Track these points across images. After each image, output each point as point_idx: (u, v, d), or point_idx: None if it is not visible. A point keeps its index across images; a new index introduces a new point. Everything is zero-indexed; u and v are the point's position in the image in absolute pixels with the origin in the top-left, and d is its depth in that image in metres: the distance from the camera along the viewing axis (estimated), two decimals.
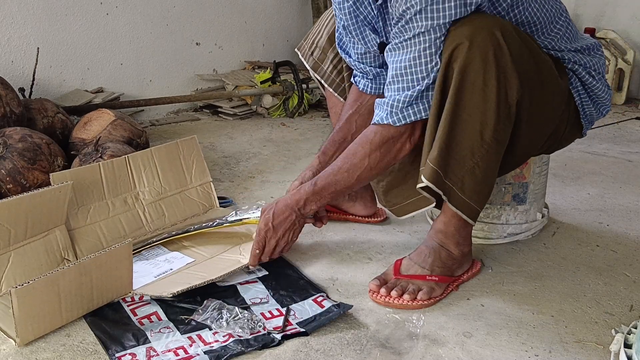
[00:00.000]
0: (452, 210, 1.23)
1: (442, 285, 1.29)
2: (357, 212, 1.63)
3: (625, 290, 1.34)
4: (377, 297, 1.26)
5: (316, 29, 1.57)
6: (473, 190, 1.21)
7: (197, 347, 1.11)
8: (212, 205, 1.68)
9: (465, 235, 1.32)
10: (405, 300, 1.24)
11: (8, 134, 1.66)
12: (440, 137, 1.19)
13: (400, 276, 1.29)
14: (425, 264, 1.30)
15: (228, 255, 1.42)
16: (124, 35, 2.57)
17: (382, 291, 1.25)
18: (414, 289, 1.25)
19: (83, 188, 1.44)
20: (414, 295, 1.25)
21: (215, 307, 1.19)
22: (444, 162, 1.19)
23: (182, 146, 1.66)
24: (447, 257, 1.31)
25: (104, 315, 1.20)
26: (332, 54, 1.53)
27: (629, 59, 2.98)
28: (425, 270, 1.29)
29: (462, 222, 1.28)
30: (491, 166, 1.22)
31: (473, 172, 1.20)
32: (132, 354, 1.09)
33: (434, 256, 1.30)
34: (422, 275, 1.28)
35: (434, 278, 1.28)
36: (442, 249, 1.31)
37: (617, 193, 1.89)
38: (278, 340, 1.12)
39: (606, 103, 1.43)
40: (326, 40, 1.54)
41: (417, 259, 1.31)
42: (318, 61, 1.56)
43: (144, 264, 1.38)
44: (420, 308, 1.25)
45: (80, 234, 1.42)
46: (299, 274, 1.36)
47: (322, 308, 1.22)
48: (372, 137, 1.27)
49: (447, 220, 1.30)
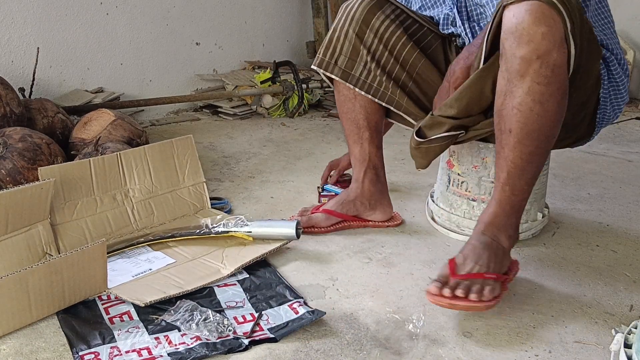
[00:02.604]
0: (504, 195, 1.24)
1: (498, 283, 1.21)
2: (376, 219, 1.63)
3: (625, 290, 1.34)
4: (440, 300, 1.16)
5: (335, 36, 1.52)
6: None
7: (162, 348, 1.11)
8: (204, 206, 1.68)
9: (515, 225, 1.29)
10: (472, 301, 1.15)
11: (8, 134, 1.66)
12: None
13: (458, 276, 1.20)
14: (481, 261, 1.22)
15: (210, 260, 1.40)
16: (124, 35, 2.57)
17: (445, 292, 1.16)
18: (478, 289, 1.17)
19: (71, 183, 1.44)
20: (480, 295, 1.16)
21: (187, 308, 1.19)
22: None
23: (176, 145, 1.66)
24: (500, 252, 1.25)
25: (76, 313, 1.20)
26: (364, 54, 1.50)
27: (629, 59, 2.99)
28: (482, 267, 1.21)
29: (512, 209, 1.26)
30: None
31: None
32: (96, 352, 1.09)
33: (489, 252, 1.24)
34: (480, 274, 1.20)
35: (492, 275, 1.21)
36: (495, 243, 1.25)
37: (617, 193, 1.89)
38: (245, 345, 1.11)
39: (621, 104, 1.43)
40: (353, 43, 1.49)
41: (472, 256, 1.23)
42: (346, 70, 1.52)
43: (124, 262, 1.38)
44: (486, 309, 1.17)
45: (65, 229, 1.42)
46: (279, 278, 1.34)
47: (296, 314, 1.21)
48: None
49: (500, 210, 1.26)
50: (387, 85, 1.51)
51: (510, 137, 1.19)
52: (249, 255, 1.40)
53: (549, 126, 1.18)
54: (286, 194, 1.86)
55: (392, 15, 1.50)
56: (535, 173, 1.24)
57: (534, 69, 1.13)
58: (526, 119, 1.16)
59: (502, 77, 1.19)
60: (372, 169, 1.60)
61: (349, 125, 1.58)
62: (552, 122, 1.18)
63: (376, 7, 1.49)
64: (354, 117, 1.57)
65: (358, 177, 1.60)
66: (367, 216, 1.62)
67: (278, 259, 1.44)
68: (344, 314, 1.23)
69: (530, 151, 1.19)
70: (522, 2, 1.13)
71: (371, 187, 1.60)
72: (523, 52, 1.13)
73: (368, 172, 1.59)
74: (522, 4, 1.13)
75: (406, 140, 2.30)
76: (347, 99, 1.55)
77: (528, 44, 1.12)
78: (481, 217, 1.29)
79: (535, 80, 1.14)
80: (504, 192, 1.25)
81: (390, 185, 1.66)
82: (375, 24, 1.48)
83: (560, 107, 1.18)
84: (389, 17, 1.49)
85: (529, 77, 1.14)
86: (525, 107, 1.16)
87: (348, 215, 1.60)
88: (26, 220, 1.33)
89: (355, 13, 1.49)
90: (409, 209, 1.74)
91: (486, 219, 1.28)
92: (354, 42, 1.50)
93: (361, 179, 1.60)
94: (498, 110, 1.21)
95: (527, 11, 1.11)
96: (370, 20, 1.48)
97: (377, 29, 1.48)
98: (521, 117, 1.17)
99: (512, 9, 1.14)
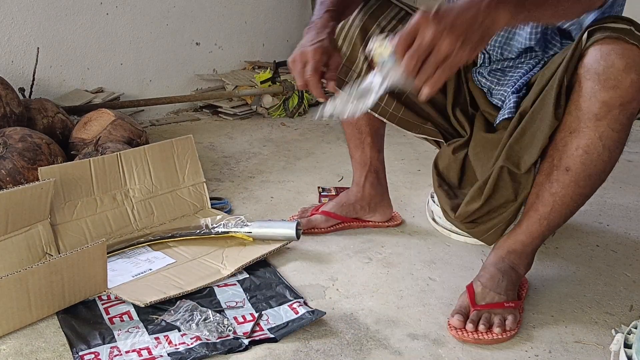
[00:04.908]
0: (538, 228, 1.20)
1: (517, 310, 1.21)
2: (376, 220, 1.63)
3: (625, 290, 1.34)
4: (465, 335, 1.15)
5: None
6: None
7: (162, 348, 1.11)
8: (204, 206, 1.68)
9: (534, 254, 1.27)
10: (496, 334, 1.14)
11: (8, 134, 1.66)
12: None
13: (478, 307, 1.19)
14: (500, 289, 1.20)
15: (210, 260, 1.40)
16: (124, 35, 2.57)
17: (469, 327, 1.15)
18: (500, 320, 1.16)
19: (71, 183, 1.44)
20: (503, 327, 1.16)
21: (187, 308, 1.19)
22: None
23: (176, 145, 1.66)
24: (517, 279, 1.24)
25: (76, 313, 1.20)
26: (360, 61, 1.41)
27: None
28: (501, 296, 1.20)
29: (540, 241, 1.23)
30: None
31: None
32: (96, 352, 1.09)
33: (507, 280, 1.22)
34: (500, 303, 1.19)
35: (511, 305, 1.20)
36: (513, 270, 1.23)
37: (617, 193, 1.89)
38: (245, 345, 1.12)
39: None
40: (352, 47, 1.41)
41: (491, 285, 1.21)
42: (340, 76, 1.41)
43: (124, 262, 1.38)
44: (510, 339, 1.16)
45: (65, 229, 1.42)
46: (279, 278, 1.34)
47: (296, 314, 1.21)
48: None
49: (529, 241, 1.23)
50: (382, 96, 1.46)
51: (566, 175, 1.14)
52: (249, 256, 1.40)
53: (607, 172, 1.15)
54: (286, 194, 1.86)
55: (398, 15, 1.46)
56: (575, 212, 1.21)
57: (613, 115, 1.07)
58: (590, 162, 1.12)
59: (570, 113, 1.11)
60: (373, 172, 1.59)
61: (351, 129, 1.57)
62: (611, 168, 1.15)
63: (382, 9, 1.46)
64: (355, 122, 1.55)
65: (359, 180, 1.60)
66: (367, 218, 1.62)
67: (278, 259, 1.44)
68: (344, 314, 1.23)
69: (582, 192, 1.16)
70: (612, 43, 1.05)
71: (372, 191, 1.60)
72: (606, 97, 1.06)
73: (369, 176, 1.59)
74: (612, 46, 1.05)
75: (406, 140, 2.31)
76: None
77: (614, 89, 1.05)
78: (504, 243, 1.26)
79: (610, 127, 1.08)
80: (539, 225, 1.21)
81: (390, 185, 1.65)
82: (382, 22, 1.42)
83: (620, 154, 1.14)
84: (395, 17, 1.46)
85: (605, 122, 1.08)
86: (594, 150, 1.10)
87: (348, 218, 1.60)
88: (26, 220, 1.33)
89: (360, 13, 1.43)
90: (409, 209, 1.74)
91: (510, 247, 1.25)
92: (354, 44, 1.42)
93: (362, 183, 1.59)
94: (556, 145, 1.15)
95: (619, 55, 1.04)
96: (378, 16, 1.42)
97: (383, 27, 1.41)
98: (586, 160, 1.11)
99: (601, 49, 1.06)
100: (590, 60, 1.07)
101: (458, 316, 1.17)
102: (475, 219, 1.30)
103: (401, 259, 1.46)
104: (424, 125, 1.43)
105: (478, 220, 1.30)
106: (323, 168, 2.09)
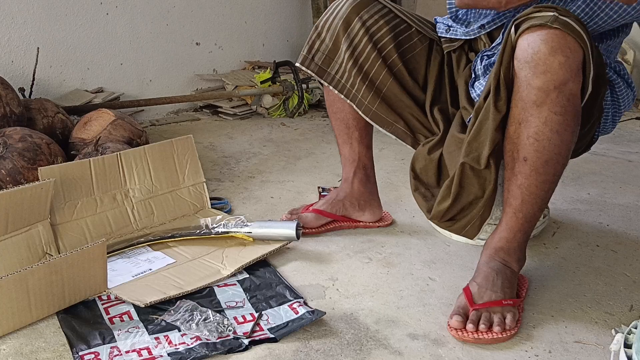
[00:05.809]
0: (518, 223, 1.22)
1: (516, 308, 1.21)
2: (366, 220, 1.63)
3: (625, 290, 1.34)
4: (465, 335, 1.15)
5: (316, 32, 1.49)
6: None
7: (162, 348, 1.11)
8: (204, 206, 1.68)
9: (523, 249, 1.27)
10: (496, 333, 1.14)
11: (8, 134, 1.66)
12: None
13: (477, 306, 1.19)
14: (496, 287, 1.21)
15: (210, 260, 1.40)
16: (124, 35, 2.57)
17: (469, 327, 1.15)
18: (500, 319, 1.17)
19: (72, 183, 1.44)
20: (503, 326, 1.16)
21: (187, 308, 1.19)
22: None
23: (176, 145, 1.66)
24: (512, 276, 1.24)
25: (76, 313, 1.20)
26: (342, 51, 1.44)
27: (629, 59, 2.98)
28: (498, 294, 1.20)
29: (523, 234, 1.25)
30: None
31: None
32: (96, 352, 1.09)
33: (502, 277, 1.22)
34: (498, 301, 1.19)
35: (509, 302, 1.20)
36: (506, 267, 1.24)
37: (617, 193, 1.89)
38: (245, 345, 1.11)
39: (619, 117, 1.45)
40: (335, 38, 1.45)
41: (487, 284, 1.21)
42: (322, 66, 1.48)
43: (124, 262, 1.38)
44: (510, 339, 1.16)
45: (65, 229, 1.42)
46: (279, 278, 1.34)
47: (296, 314, 1.21)
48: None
49: (511, 236, 1.24)
50: (360, 87, 1.45)
51: (525, 165, 1.17)
52: (249, 256, 1.40)
53: (564, 154, 1.17)
54: (286, 194, 1.86)
55: (381, 12, 1.46)
56: (547, 199, 1.23)
57: (551, 99, 1.11)
58: (543, 148, 1.15)
59: (515, 105, 1.16)
60: (362, 169, 1.59)
61: (339, 124, 1.58)
62: (567, 150, 1.17)
63: (366, 3, 1.45)
64: (343, 117, 1.56)
65: (348, 177, 1.60)
66: (357, 217, 1.62)
67: (278, 259, 1.44)
68: (344, 314, 1.23)
69: (545, 179, 1.18)
70: (537, 31, 1.10)
71: (361, 187, 1.60)
72: (540, 83, 1.10)
73: (358, 172, 1.59)
74: (536, 33, 1.10)
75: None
76: (337, 98, 1.53)
77: (545, 74, 1.10)
78: (490, 242, 1.27)
79: (552, 110, 1.12)
80: (517, 219, 1.22)
81: (390, 185, 1.66)
82: (364, 16, 1.43)
83: (574, 135, 1.17)
84: (378, 13, 1.45)
85: (546, 107, 1.12)
86: (543, 136, 1.14)
87: (337, 215, 1.59)
88: (26, 220, 1.33)
89: (343, 6, 1.45)
90: (409, 209, 1.74)
91: (496, 244, 1.26)
92: (336, 35, 1.44)
93: (351, 179, 1.60)
94: (511, 138, 1.18)
95: (543, 41, 1.09)
96: (360, 10, 1.43)
97: (365, 21, 1.43)
98: (538, 147, 1.15)
99: (527, 38, 1.11)
100: (519, 51, 1.12)
101: (457, 317, 1.17)
102: (450, 218, 1.32)
103: (401, 259, 1.47)
104: (395, 124, 1.45)
105: (453, 218, 1.32)
106: (323, 168, 2.09)
